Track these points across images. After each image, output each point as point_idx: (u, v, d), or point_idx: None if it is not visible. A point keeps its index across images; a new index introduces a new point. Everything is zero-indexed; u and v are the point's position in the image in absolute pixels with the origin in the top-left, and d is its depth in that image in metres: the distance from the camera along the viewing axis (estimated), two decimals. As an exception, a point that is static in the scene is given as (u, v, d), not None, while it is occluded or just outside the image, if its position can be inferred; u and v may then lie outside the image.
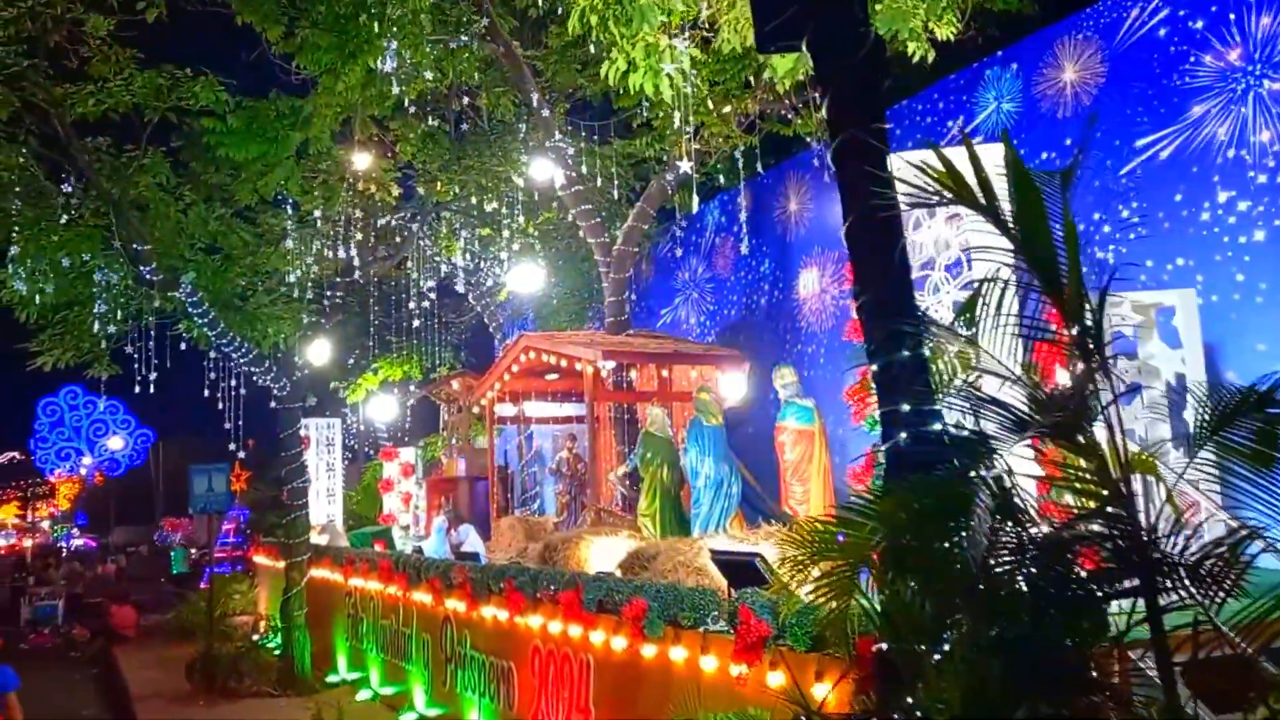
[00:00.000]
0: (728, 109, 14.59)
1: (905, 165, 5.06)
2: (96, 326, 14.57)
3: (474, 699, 10.92)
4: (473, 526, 14.46)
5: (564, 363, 14.68)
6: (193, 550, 42.46)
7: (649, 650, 7.63)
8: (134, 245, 13.57)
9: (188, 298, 14.35)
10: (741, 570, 7.22)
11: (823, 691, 5.61)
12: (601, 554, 9.90)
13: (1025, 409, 3.87)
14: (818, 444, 9.43)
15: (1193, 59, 10.41)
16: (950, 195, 4.03)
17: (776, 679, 6.16)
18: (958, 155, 4.50)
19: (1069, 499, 4.26)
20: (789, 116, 14.52)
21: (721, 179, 16.80)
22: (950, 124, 13.01)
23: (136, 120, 13.44)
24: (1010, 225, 4.03)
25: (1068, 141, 12.03)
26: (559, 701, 9.01)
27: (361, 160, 18.80)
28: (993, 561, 3.62)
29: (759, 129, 14.84)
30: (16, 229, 13.06)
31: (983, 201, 3.93)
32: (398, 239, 19.75)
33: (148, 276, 13.89)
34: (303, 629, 15.71)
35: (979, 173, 3.95)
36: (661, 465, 12.19)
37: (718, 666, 6.89)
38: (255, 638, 18.49)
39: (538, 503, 19.64)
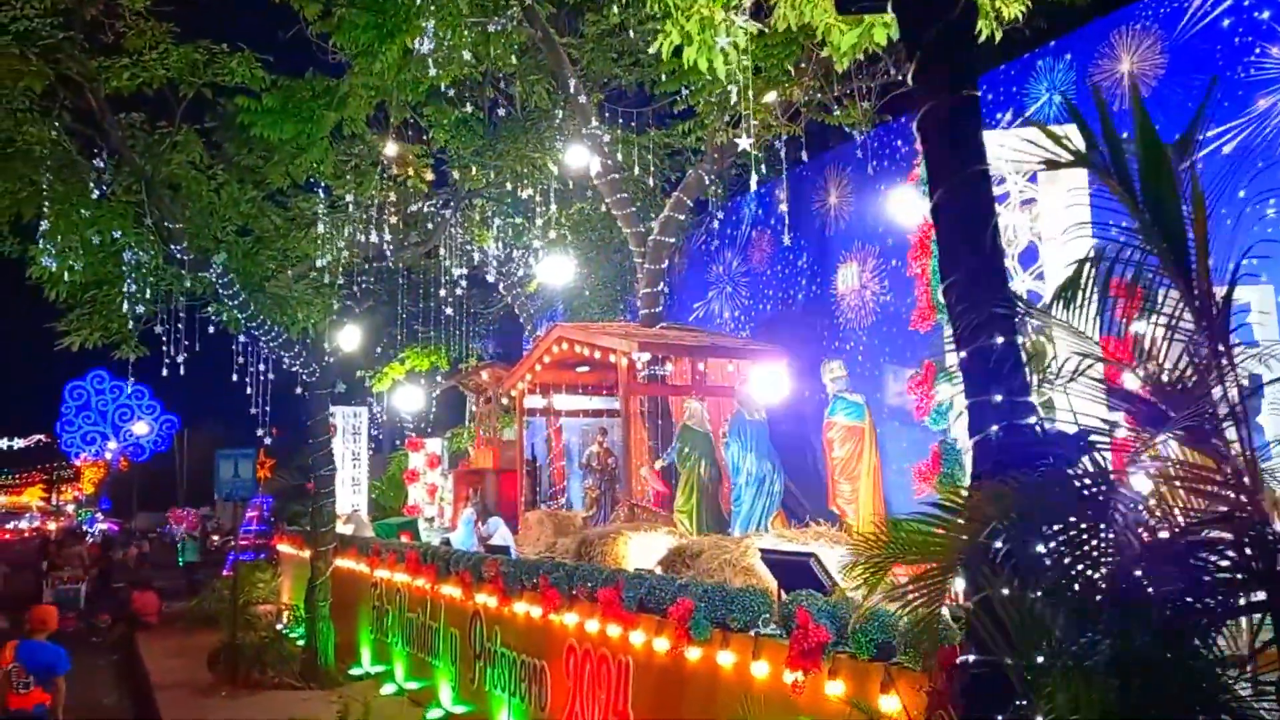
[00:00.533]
0: (770, 97, 14.19)
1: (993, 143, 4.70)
2: (125, 306, 14.32)
3: (504, 697, 10.62)
4: (502, 520, 14.13)
5: (598, 354, 14.34)
6: (214, 538, 42.55)
7: (693, 653, 7.31)
8: (165, 224, 13.33)
9: (218, 279, 14.11)
10: (794, 571, 6.88)
11: (890, 705, 5.26)
12: (640, 551, 9.57)
13: (1154, 402, 3.50)
14: (867, 441, 9.06)
15: (1258, 50, 10.00)
16: (1068, 158, 3.66)
17: (836, 688, 5.82)
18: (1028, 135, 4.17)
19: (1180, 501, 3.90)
20: (832, 107, 14.12)
21: (762, 168, 16.38)
22: (1000, 116, 12.59)
23: (171, 96, 13.18)
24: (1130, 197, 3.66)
25: (1124, 135, 11.61)
26: (594, 703, 8.69)
27: (395, 146, 18.58)
28: (1116, 568, 3.25)
29: (802, 117, 14.44)
30: (47, 204, 12.80)
31: (1107, 164, 3.56)
32: (429, 225, 19.45)
33: (178, 256, 13.65)
34: (327, 620, 15.44)
35: (1106, 134, 3.58)
36: (699, 461, 11.87)
37: (769, 673, 6.55)
38: (279, 627, 18.25)
39: (564, 497, 19.37)
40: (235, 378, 17.63)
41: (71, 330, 14.75)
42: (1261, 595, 3.48)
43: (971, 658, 3.96)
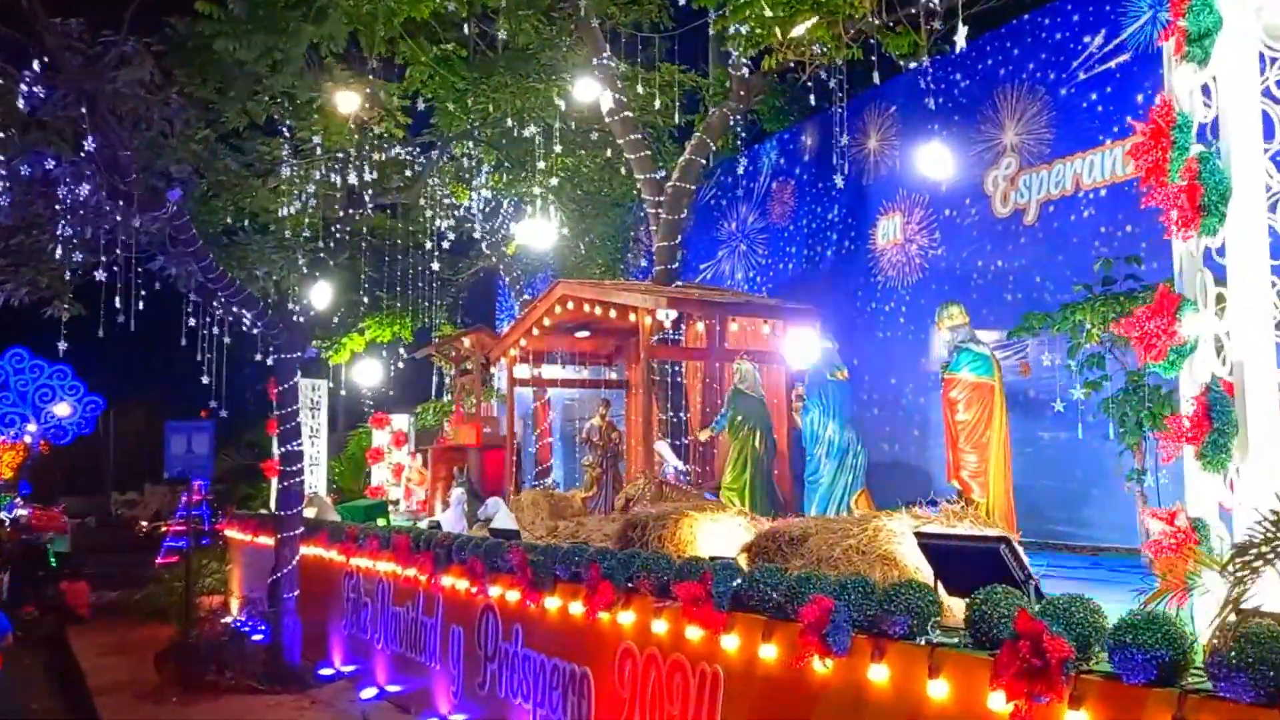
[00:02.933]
0: (806, 26, 12.52)
1: None
2: (59, 253, 12.27)
3: (528, 707, 8.89)
4: (502, 501, 12.38)
5: (613, 313, 12.64)
6: (143, 524, 40.16)
7: (819, 665, 5.65)
8: (110, 150, 11.30)
9: (171, 222, 12.12)
10: (973, 561, 5.25)
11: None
12: (711, 536, 7.90)
13: None
14: (998, 402, 7.46)
15: None
16: None
17: (1081, 720, 4.22)
18: None
19: None
20: (883, 31, 12.47)
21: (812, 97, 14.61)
22: (1087, 40, 11.08)
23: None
24: None
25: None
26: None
27: (355, 97, 16.49)
28: None
29: (843, 42, 12.74)
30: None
31: None
32: (408, 173, 17.51)
33: (124, 189, 11.63)
34: (293, 614, 13.62)
35: None
36: (754, 430, 10.31)
37: (952, 695, 4.92)
38: (226, 619, 16.40)
39: (552, 476, 17.69)
40: (185, 342, 15.63)
41: (-8, 286, 12.66)
42: None
43: None
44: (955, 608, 5.55)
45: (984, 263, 11.91)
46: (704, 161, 14.23)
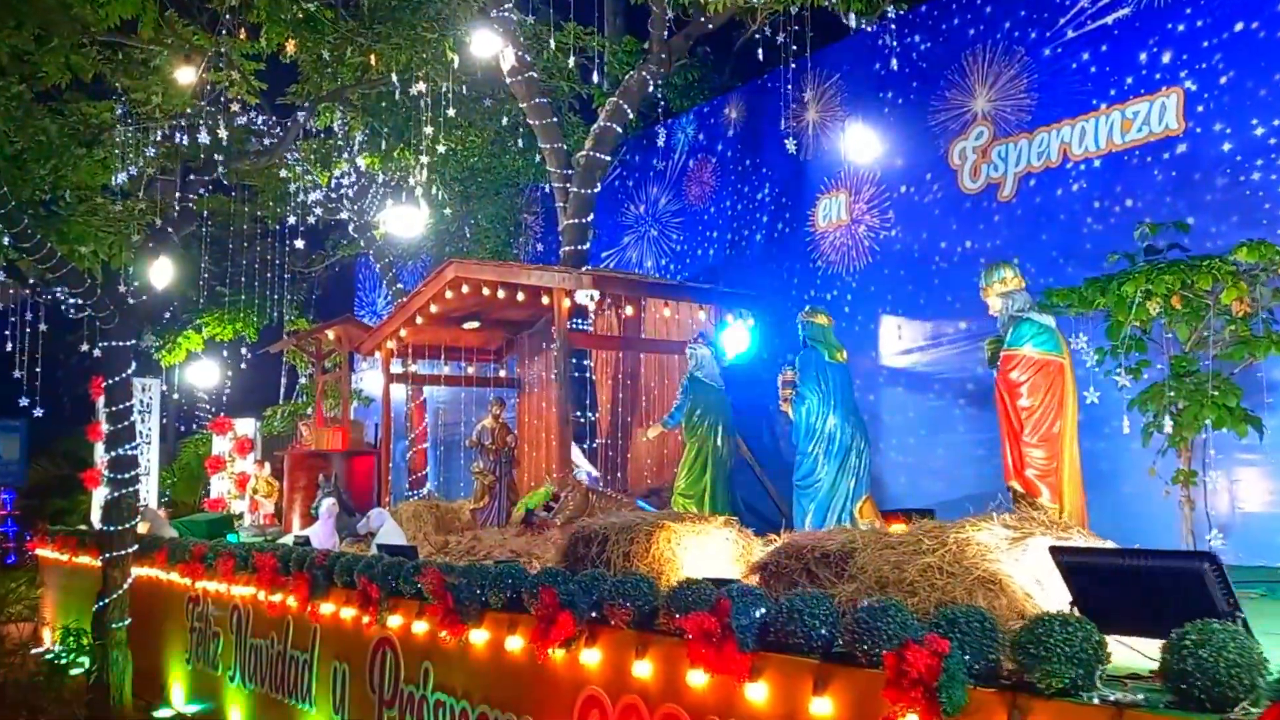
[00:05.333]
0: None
1: None
2: None
3: (442, 766, 7.07)
4: (387, 513, 10.46)
5: (521, 296, 10.93)
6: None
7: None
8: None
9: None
10: (1155, 586, 3.79)
11: None
12: (695, 553, 6.26)
13: None
14: (1069, 383, 6.05)
15: None
16: None
17: None
18: None
19: None
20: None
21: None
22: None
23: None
24: None
25: None
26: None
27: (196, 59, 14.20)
28: None
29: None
30: None
31: None
32: (266, 141, 15.25)
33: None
34: (123, 646, 11.36)
35: None
36: (714, 426, 8.76)
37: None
38: (39, 652, 13.94)
39: (428, 486, 15.77)
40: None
41: None
42: None
43: None
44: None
45: (948, 244, 10.70)
46: (619, 130, 12.63)
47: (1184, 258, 6.94)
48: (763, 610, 4.93)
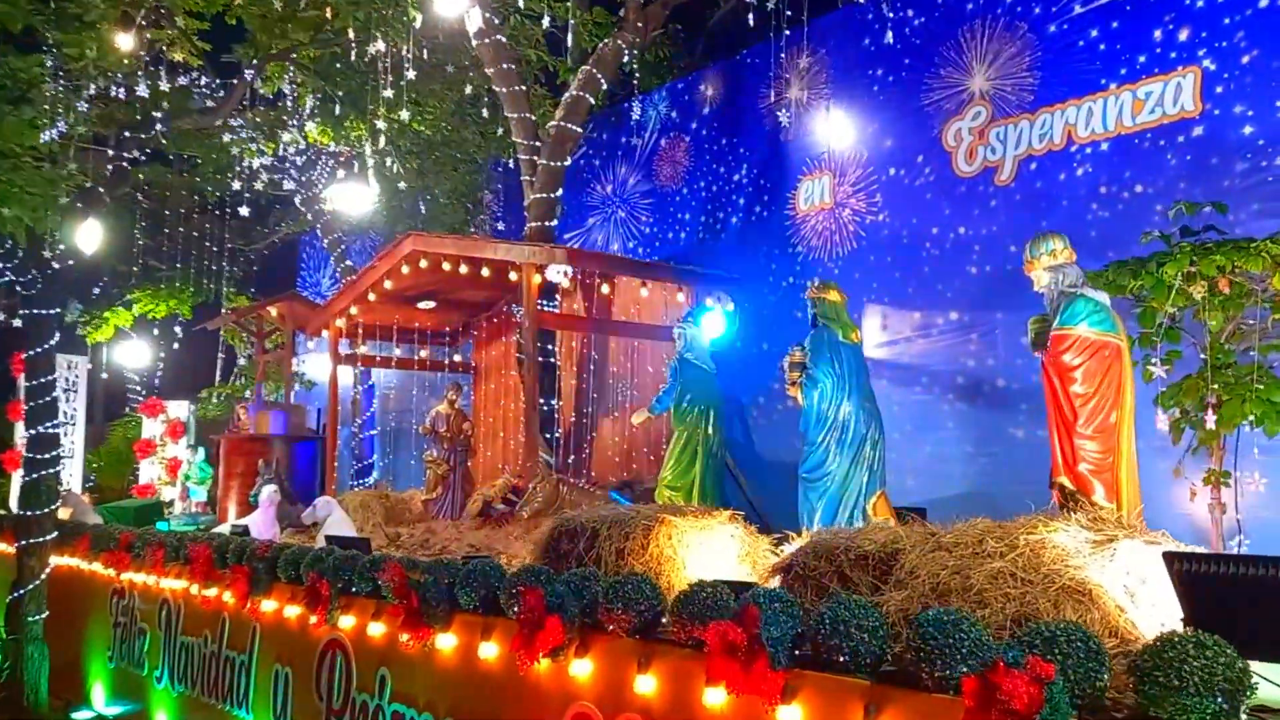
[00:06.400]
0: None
1: None
2: None
3: (399, 786, 6.34)
4: (335, 502, 9.65)
5: (485, 271, 10.19)
6: None
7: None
8: None
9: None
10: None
11: None
12: (699, 550, 5.58)
13: None
14: (1126, 368, 5.42)
15: None
16: None
17: None
18: None
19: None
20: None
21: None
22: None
23: None
24: None
25: None
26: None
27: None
28: None
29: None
30: None
31: None
32: (209, 102, 14.26)
33: None
34: (39, 642, 10.46)
35: None
36: (706, 412, 8.09)
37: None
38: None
39: (374, 474, 14.94)
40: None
41: None
42: None
43: None
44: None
45: (940, 229, 10.13)
46: (592, 101, 11.90)
47: (1217, 240, 6.42)
48: (824, 623, 4.24)
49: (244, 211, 14.56)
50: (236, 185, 15.43)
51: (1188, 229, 6.74)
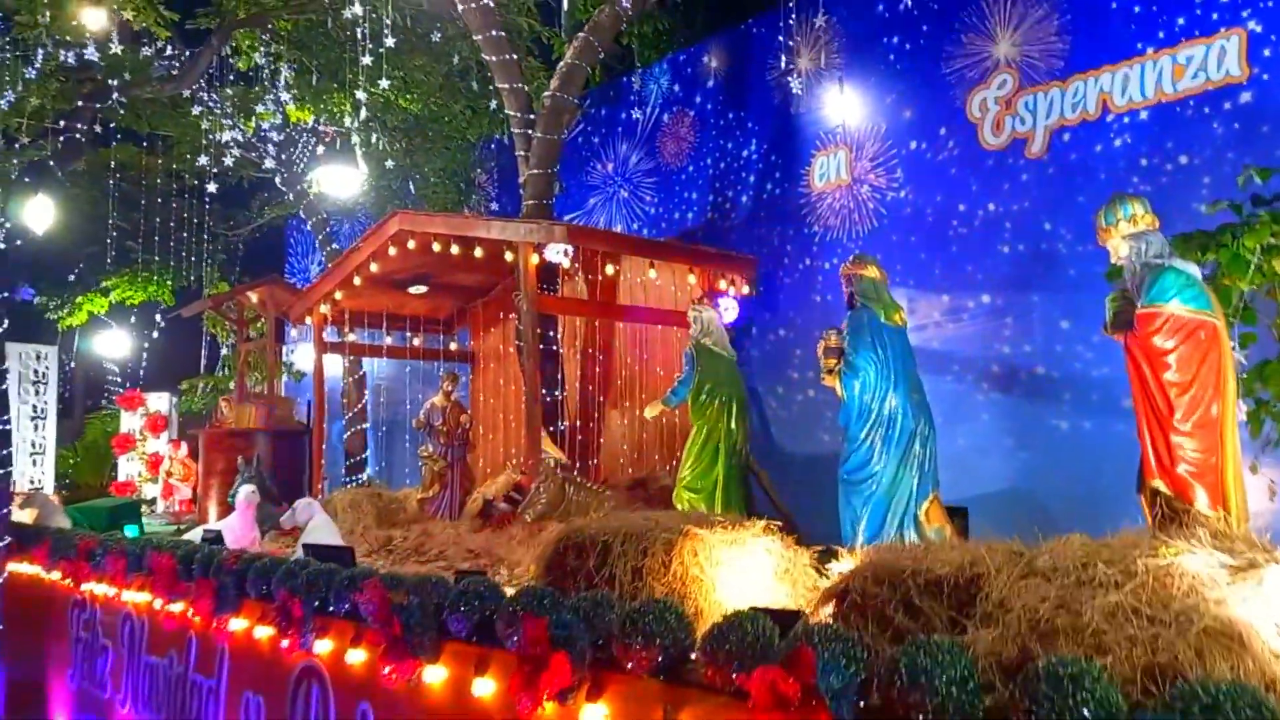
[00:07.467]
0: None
1: None
2: None
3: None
4: (317, 504, 8.84)
5: (479, 252, 9.39)
6: None
7: None
8: None
9: None
10: None
11: None
12: (728, 568, 4.78)
13: None
14: (1226, 353, 4.62)
15: None
16: None
17: None
18: None
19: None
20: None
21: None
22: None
23: None
24: None
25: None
26: None
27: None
28: None
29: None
30: None
31: None
32: (173, 71, 13.32)
33: None
34: (-8, 659, 9.69)
35: None
36: (728, 404, 7.31)
37: None
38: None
39: (367, 471, 14.16)
40: None
41: None
42: None
43: None
44: None
45: (968, 206, 9.35)
46: (589, 70, 11.09)
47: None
48: (861, 664, 3.49)
49: (211, 188, 13.68)
50: (210, 164, 14.57)
51: (1259, 198, 5.97)
